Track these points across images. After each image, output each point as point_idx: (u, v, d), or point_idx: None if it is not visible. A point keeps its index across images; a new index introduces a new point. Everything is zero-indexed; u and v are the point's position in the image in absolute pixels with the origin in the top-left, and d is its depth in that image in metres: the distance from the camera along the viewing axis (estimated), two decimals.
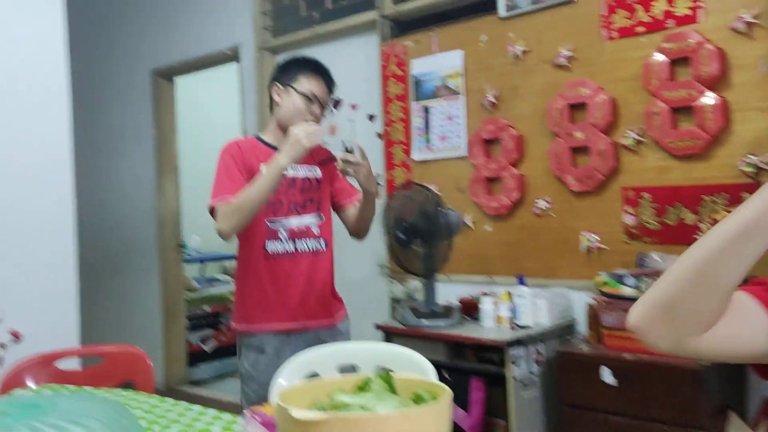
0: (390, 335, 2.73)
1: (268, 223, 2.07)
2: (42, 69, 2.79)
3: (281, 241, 2.08)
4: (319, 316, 2.16)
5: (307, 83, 2.10)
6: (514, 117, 2.82)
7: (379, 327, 2.78)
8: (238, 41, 3.97)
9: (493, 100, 2.87)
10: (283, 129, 2.06)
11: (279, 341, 2.09)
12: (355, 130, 3.54)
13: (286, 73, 2.14)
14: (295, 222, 2.10)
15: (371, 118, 3.46)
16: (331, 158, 2.14)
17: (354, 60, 3.53)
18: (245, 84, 3.98)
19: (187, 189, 4.74)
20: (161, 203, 4.51)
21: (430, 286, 2.69)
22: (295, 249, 2.10)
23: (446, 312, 2.66)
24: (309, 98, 2.09)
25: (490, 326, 2.56)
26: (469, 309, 2.73)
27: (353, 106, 3.55)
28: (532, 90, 2.75)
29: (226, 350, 4.71)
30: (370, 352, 1.87)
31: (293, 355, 1.89)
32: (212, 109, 6.30)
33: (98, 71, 4.84)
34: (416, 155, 3.17)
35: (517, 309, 2.56)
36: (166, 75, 4.49)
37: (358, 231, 2.27)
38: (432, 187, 2.91)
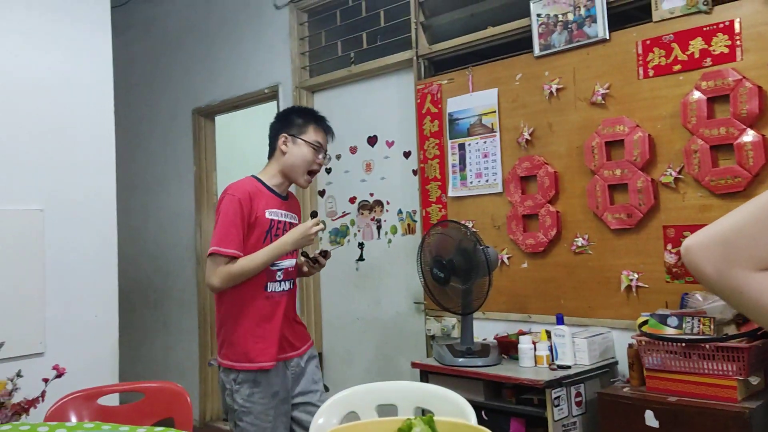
0: (427, 374, 2.71)
1: (270, 267, 2.23)
2: (90, 109, 2.90)
3: (278, 281, 2.26)
4: (296, 346, 2.35)
5: (314, 134, 2.30)
6: (550, 154, 2.82)
7: (415, 365, 2.76)
8: (277, 80, 4.07)
9: (529, 138, 2.87)
10: (286, 176, 2.30)
11: (270, 373, 2.23)
12: (390, 166, 3.59)
13: (293, 124, 2.31)
14: (287, 263, 2.29)
15: (407, 155, 3.50)
16: (310, 257, 2.37)
17: (389, 98, 3.59)
18: None
19: None
20: (200, 239, 4.59)
21: (467, 323, 2.68)
22: (288, 288, 2.31)
23: (483, 350, 2.63)
24: (316, 148, 2.28)
25: (529, 366, 2.52)
26: (507, 348, 2.71)
27: (389, 143, 3.59)
28: (567, 127, 2.76)
29: None
30: (409, 391, 1.86)
31: (281, 382, 2.22)
32: (249, 147, 6.43)
33: (141, 110, 5.01)
34: (452, 192, 3.18)
35: (556, 348, 2.52)
36: (207, 114, 4.61)
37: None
38: (468, 224, 2.92)
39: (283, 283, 2.27)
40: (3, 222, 2.59)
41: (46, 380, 2.36)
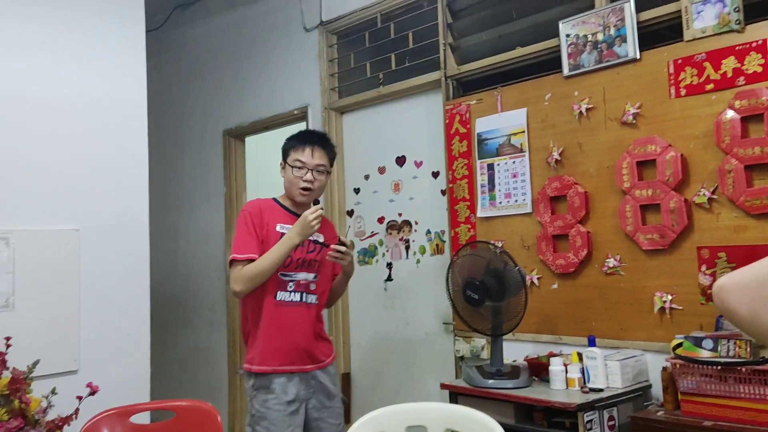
0: (456, 395, 2.69)
1: (280, 276, 2.40)
2: (125, 132, 2.96)
3: (288, 291, 2.42)
4: (318, 359, 2.48)
5: (294, 155, 2.48)
6: (580, 174, 2.80)
7: (444, 386, 2.74)
8: (306, 102, 4.12)
9: (558, 158, 2.86)
10: (289, 197, 2.52)
11: (284, 380, 2.38)
12: (419, 186, 3.59)
13: (283, 152, 2.55)
14: (302, 276, 2.45)
15: (435, 175, 3.51)
16: (326, 245, 2.50)
17: (418, 118, 3.61)
18: None
19: None
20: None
21: (497, 345, 2.66)
22: (300, 299, 2.45)
23: (514, 372, 2.61)
24: (298, 167, 2.45)
25: (560, 388, 2.49)
26: (537, 370, 2.68)
27: (417, 164, 3.61)
28: (597, 147, 2.74)
29: None
30: (439, 413, 1.85)
31: (296, 392, 2.36)
32: (277, 167, 6.50)
33: (173, 131, 5.10)
34: (481, 212, 3.17)
35: (588, 371, 2.49)
36: (237, 135, 4.68)
37: (329, 302, 2.65)
38: (497, 245, 2.91)
39: (294, 293, 2.42)
40: (40, 241, 2.65)
41: (80, 398, 2.40)
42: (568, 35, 2.81)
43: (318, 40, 4.04)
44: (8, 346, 2.43)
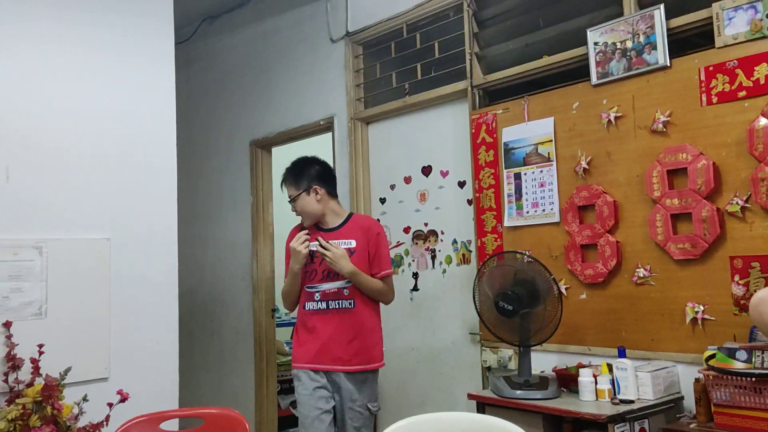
0: (483, 405, 2.66)
1: (306, 289, 2.79)
2: (154, 142, 3.00)
3: (315, 301, 2.74)
4: (345, 360, 2.71)
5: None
6: (609, 183, 2.77)
7: (472, 397, 2.72)
8: (332, 112, 4.15)
9: (586, 167, 2.84)
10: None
11: (310, 375, 2.73)
12: (445, 196, 3.59)
13: None
14: (326, 286, 2.73)
15: (461, 184, 3.50)
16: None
17: (444, 128, 3.61)
18: (338, 153, 4.13)
19: (279, 254, 4.89)
20: (257, 268, 4.66)
21: (525, 355, 2.63)
22: (327, 307, 2.73)
23: (542, 383, 2.58)
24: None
25: (590, 400, 2.45)
26: (566, 381, 2.64)
27: (443, 173, 3.60)
28: (627, 156, 2.71)
29: None
30: (469, 422, 1.83)
31: (325, 384, 2.70)
32: None
33: (200, 142, 5.17)
34: (507, 222, 3.15)
35: (618, 382, 2.45)
36: (264, 145, 4.72)
37: (375, 300, 2.88)
38: (525, 254, 2.89)
39: (320, 302, 2.75)
40: (72, 250, 2.69)
41: (110, 404, 2.43)
42: (596, 43, 2.79)
43: (344, 50, 4.07)
44: (41, 353, 2.47)
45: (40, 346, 2.48)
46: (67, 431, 2.29)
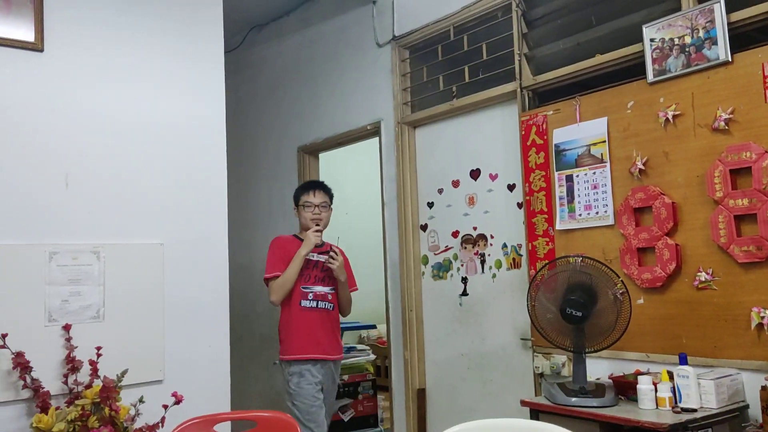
0: (537, 413, 2.60)
1: (302, 289, 3.20)
2: (205, 150, 3.04)
3: (309, 300, 3.19)
4: (331, 352, 3.22)
5: (305, 197, 3.28)
6: (666, 184, 2.69)
7: (525, 403, 2.66)
8: (379, 117, 4.14)
9: (642, 167, 2.76)
10: (305, 229, 3.25)
11: (309, 365, 3.13)
12: (494, 200, 3.54)
13: (294, 199, 3.34)
14: (318, 289, 3.22)
15: (511, 187, 3.44)
16: (324, 253, 3.25)
17: (493, 131, 3.56)
18: (385, 157, 4.12)
19: None
20: None
21: (580, 362, 2.57)
22: (317, 306, 3.20)
23: (599, 390, 2.51)
24: (308, 206, 3.25)
25: (650, 408, 2.37)
26: (623, 388, 2.56)
27: (492, 176, 3.55)
28: (685, 156, 2.62)
29: (364, 421, 4.70)
30: (524, 429, 1.79)
31: (323, 376, 3.16)
32: (348, 182, 6.58)
33: (249, 149, 5.23)
34: (559, 225, 3.09)
35: (679, 390, 2.36)
36: (311, 151, 4.75)
37: (342, 308, 3.35)
38: (578, 259, 2.82)
39: (312, 301, 3.19)
40: (128, 255, 2.74)
41: (165, 406, 2.46)
42: (652, 39, 2.71)
43: (391, 55, 4.07)
44: (99, 355, 2.52)
45: (98, 348, 2.53)
46: None
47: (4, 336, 2.37)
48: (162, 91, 2.94)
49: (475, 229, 3.65)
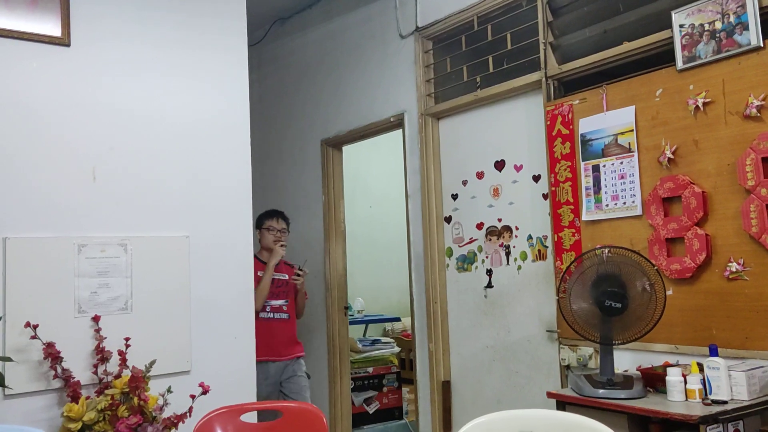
0: (563, 404, 2.58)
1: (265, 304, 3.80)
2: (229, 142, 3.06)
3: (266, 311, 3.80)
4: (284, 354, 3.83)
5: (268, 222, 3.93)
6: (696, 173, 2.64)
7: (551, 395, 2.64)
8: (403, 108, 4.13)
9: (671, 156, 2.71)
10: (267, 250, 3.88)
11: (265, 366, 3.68)
12: (519, 191, 3.51)
13: (258, 222, 3.92)
14: (273, 302, 3.83)
15: (536, 178, 3.41)
16: (293, 272, 3.95)
17: (517, 121, 3.53)
18: (408, 149, 4.10)
19: (351, 252, 4.92)
20: (329, 266, 4.70)
21: (608, 353, 2.54)
22: (273, 317, 3.83)
23: (626, 382, 2.48)
24: (271, 230, 3.90)
25: (679, 400, 2.33)
26: (652, 380, 2.53)
27: (517, 168, 3.52)
28: (716, 144, 2.57)
29: (389, 413, 4.72)
30: (552, 420, 1.77)
31: (273, 373, 3.77)
32: (370, 174, 6.58)
33: (272, 142, 5.25)
34: (586, 216, 3.05)
35: (709, 382, 2.32)
36: (335, 144, 4.75)
37: (298, 314, 4.04)
38: (604, 250, 2.78)
39: (269, 313, 3.81)
40: (155, 247, 2.77)
41: (193, 396, 2.49)
42: (682, 26, 2.66)
43: (414, 46, 4.05)
44: (127, 346, 2.56)
45: (127, 339, 2.56)
46: (152, 421, 2.35)
47: (35, 327, 2.41)
48: (187, 86, 2.96)
49: (499, 220, 3.62)
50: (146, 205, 2.80)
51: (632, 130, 2.87)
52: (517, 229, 3.53)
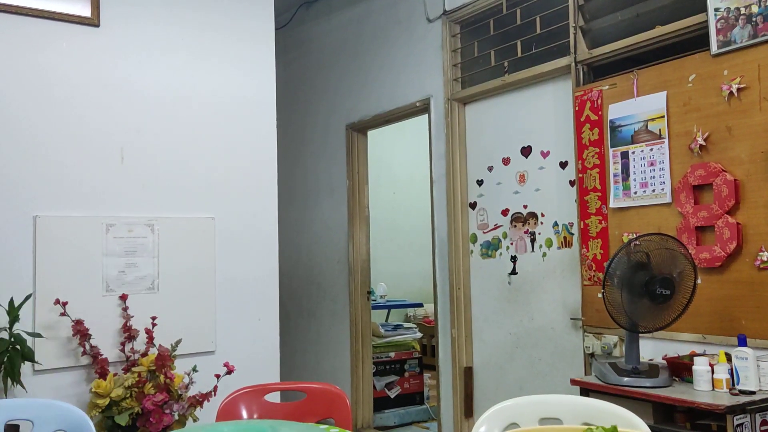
0: (587, 392, 2.56)
1: None
2: (255, 127, 3.08)
3: None
4: None
5: None
6: (729, 160, 2.59)
7: (575, 382, 2.63)
8: (429, 93, 4.10)
9: (703, 143, 2.66)
10: None
11: None
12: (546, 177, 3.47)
13: None
14: None
15: (563, 165, 3.37)
16: None
17: (544, 106, 3.49)
18: (434, 134, 4.08)
19: (374, 237, 4.92)
20: (352, 251, 4.71)
21: (633, 341, 2.51)
22: None
23: (652, 371, 2.45)
24: None
25: (706, 389, 2.30)
26: (678, 369, 2.50)
27: (544, 154, 3.49)
28: (750, 131, 2.52)
29: (410, 398, 4.73)
30: (575, 405, 1.76)
31: None
32: (394, 159, 6.57)
33: (298, 126, 5.26)
34: (613, 203, 3.01)
35: (737, 372, 2.29)
36: (360, 128, 4.74)
37: None
38: (633, 236, 2.74)
39: None
40: (181, 228, 2.80)
41: (218, 376, 2.52)
42: (717, 9, 2.60)
43: (441, 30, 4.01)
44: (154, 325, 2.59)
45: (153, 318, 2.60)
46: (178, 399, 2.39)
47: (64, 304, 2.45)
48: (214, 68, 2.97)
49: (525, 207, 3.59)
50: (173, 187, 2.83)
51: (663, 117, 2.82)
52: (542, 215, 3.50)
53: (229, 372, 2.52)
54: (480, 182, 3.85)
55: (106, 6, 2.70)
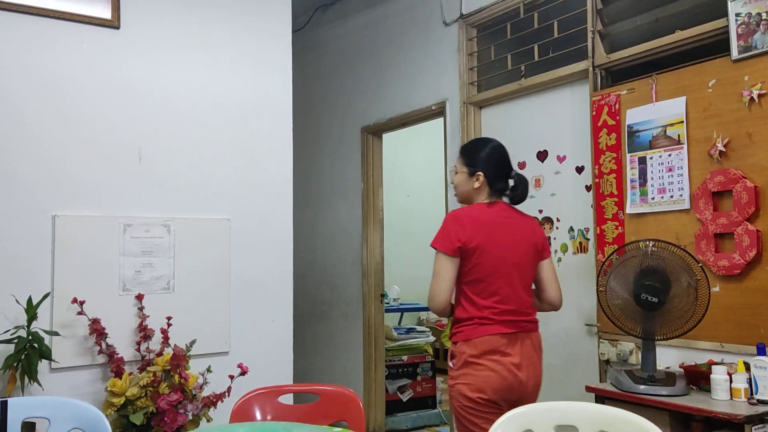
0: (603, 399, 2.54)
1: None
2: (271, 129, 3.09)
3: None
4: None
5: None
6: (749, 167, 2.55)
7: (590, 389, 2.60)
8: (444, 97, 4.09)
9: (723, 149, 2.63)
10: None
11: None
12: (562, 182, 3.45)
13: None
14: None
15: (579, 170, 3.35)
16: None
17: (561, 111, 3.47)
18: (449, 138, 4.07)
19: (388, 240, 4.92)
20: (366, 254, 4.71)
21: (650, 349, 2.48)
22: None
23: (669, 379, 2.42)
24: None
25: (723, 399, 2.28)
26: (695, 378, 2.47)
27: (560, 158, 3.47)
28: None
29: (423, 402, 4.72)
30: (592, 413, 1.74)
31: None
32: (409, 162, 6.56)
33: (313, 129, 5.27)
34: (630, 209, 2.99)
35: (756, 381, 2.26)
36: (375, 131, 4.74)
37: None
38: (649, 243, 2.72)
39: None
40: (197, 229, 2.81)
41: (231, 377, 2.52)
42: (738, 14, 2.57)
43: (457, 33, 4.00)
44: (169, 325, 2.60)
45: (169, 318, 2.61)
46: (192, 399, 2.39)
47: (81, 303, 2.47)
48: (232, 70, 2.98)
49: (540, 212, 3.57)
50: (189, 188, 2.84)
51: (682, 122, 2.79)
52: (558, 220, 3.48)
53: (243, 373, 2.53)
54: None
55: (126, 8, 2.72)
